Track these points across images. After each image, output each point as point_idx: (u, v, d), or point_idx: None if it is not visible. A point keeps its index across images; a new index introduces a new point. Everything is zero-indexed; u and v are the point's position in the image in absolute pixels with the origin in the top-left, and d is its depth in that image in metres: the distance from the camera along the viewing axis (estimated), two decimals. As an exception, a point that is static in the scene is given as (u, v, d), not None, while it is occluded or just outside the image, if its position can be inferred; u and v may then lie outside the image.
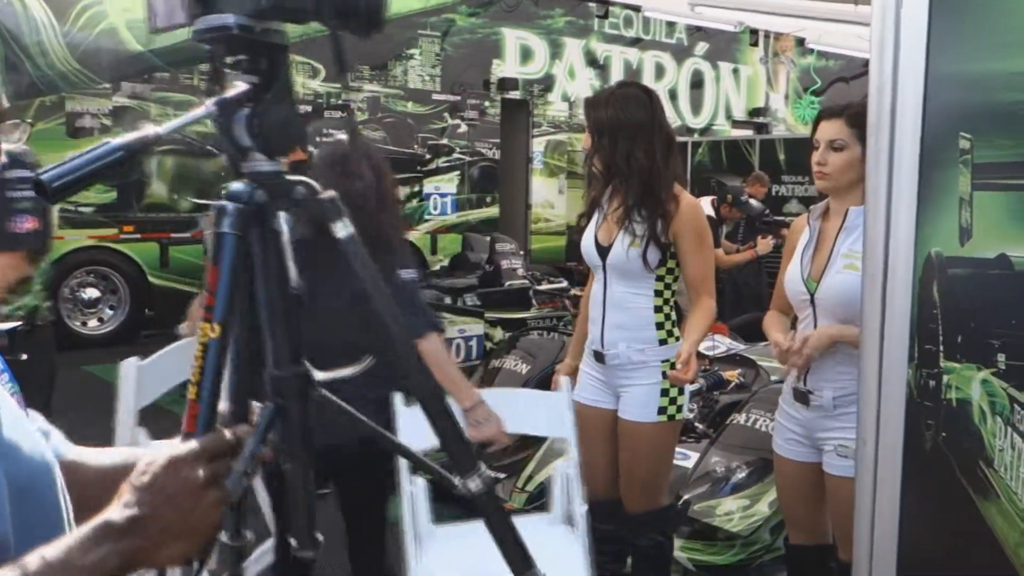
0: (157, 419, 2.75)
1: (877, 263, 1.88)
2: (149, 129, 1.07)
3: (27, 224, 2.83)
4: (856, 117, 2.48)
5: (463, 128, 10.89)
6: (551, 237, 11.83)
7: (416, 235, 10.50)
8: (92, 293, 8.30)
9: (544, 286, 8.69)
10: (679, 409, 2.98)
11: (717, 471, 3.94)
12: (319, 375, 1.18)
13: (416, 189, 10.55)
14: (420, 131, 10.55)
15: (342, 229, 1.20)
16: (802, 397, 2.57)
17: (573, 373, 3.21)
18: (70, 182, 0.99)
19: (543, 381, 5.20)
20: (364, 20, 1.10)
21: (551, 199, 11.89)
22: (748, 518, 3.67)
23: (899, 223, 1.84)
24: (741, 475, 3.87)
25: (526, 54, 11.48)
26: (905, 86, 1.81)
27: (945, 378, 1.80)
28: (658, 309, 2.96)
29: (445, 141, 10.77)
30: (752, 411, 4.07)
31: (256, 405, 1.17)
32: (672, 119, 13.08)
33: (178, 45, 3.53)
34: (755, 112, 13.88)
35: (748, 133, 13.69)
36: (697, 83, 13.27)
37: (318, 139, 10.10)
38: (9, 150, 1.97)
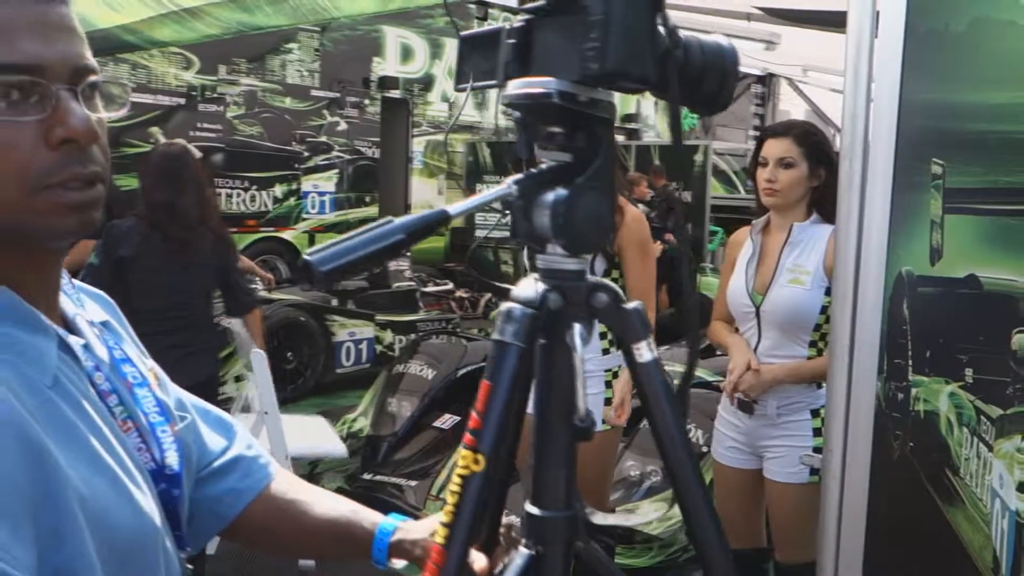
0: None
1: (847, 280, 1.96)
2: (437, 209, 0.92)
3: None
4: (803, 136, 2.58)
5: (342, 126, 10.69)
6: (431, 238, 11.78)
7: (293, 234, 10.25)
8: None
9: (430, 288, 8.66)
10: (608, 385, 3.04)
11: (632, 475, 4.02)
12: (598, 518, 1.02)
13: (294, 187, 10.28)
14: (298, 128, 10.29)
15: (647, 351, 1.01)
16: (746, 407, 2.65)
17: None
18: (342, 266, 0.84)
19: (450, 386, 5.18)
20: (709, 99, 0.94)
21: (431, 199, 11.83)
22: (665, 521, 3.75)
23: (871, 243, 1.92)
24: (656, 479, 3.95)
25: (407, 53, 11.38)
26: (880, 112, 1.89)
27: (913, 391, 1.89)
28: (599, 320, 2.98)
29: (324, 139, 10.54)
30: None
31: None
32: (549, 123, 13.32)
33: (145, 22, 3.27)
34: (627, 118, 14.23)
35: (620, 139, 14.04)
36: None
37: (190, 132, 9.61)
38: None
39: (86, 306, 0.96)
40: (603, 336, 2.98)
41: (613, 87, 0.90)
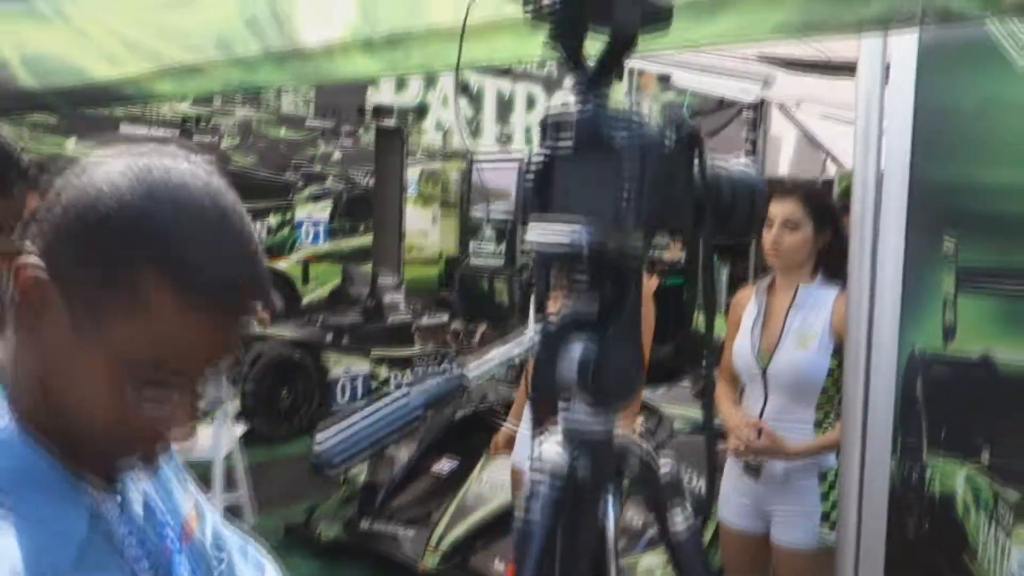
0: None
1: (859, 356, 1.93)
2: (455, 375, 0.86)
3: None
4: (808, 196, 2.56)
5: (337, 155, 10.67)
6: (425, 266, 11.75)
7: (287, 263, 10.21)
8: None
9: (425, 321, 8.60)
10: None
11: (632, 525, 3.97)
12: None
13: (288, 216, 10.25)
14: (293, 157, 10.27)
15: (680, 519, 0.96)
16: (752, 471, 2.62)
17: (511, 443, 3.18)
18: (355, 457, 0.81)
19: (447, 428, 5.13)
20: (740, 229, 0.91)
21: (425, 228, 11.82)
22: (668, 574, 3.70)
23: (883, 319, 1.89)
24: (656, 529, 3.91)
25: (401, 82, 11.39)
26: (890, 187, 1.87)
27: (929, 471, 1.87)
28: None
29: (318, 168, 10.52)
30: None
31: None
32: (543, 150, 13.35)
33: (73, 87, 3.30)
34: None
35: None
36: (566, 115, 13.53)
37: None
38: None
39: None
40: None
41: (650, 235, 0.86)
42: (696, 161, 0.82)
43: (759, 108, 15.52)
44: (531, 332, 0.88)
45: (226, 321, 0.82)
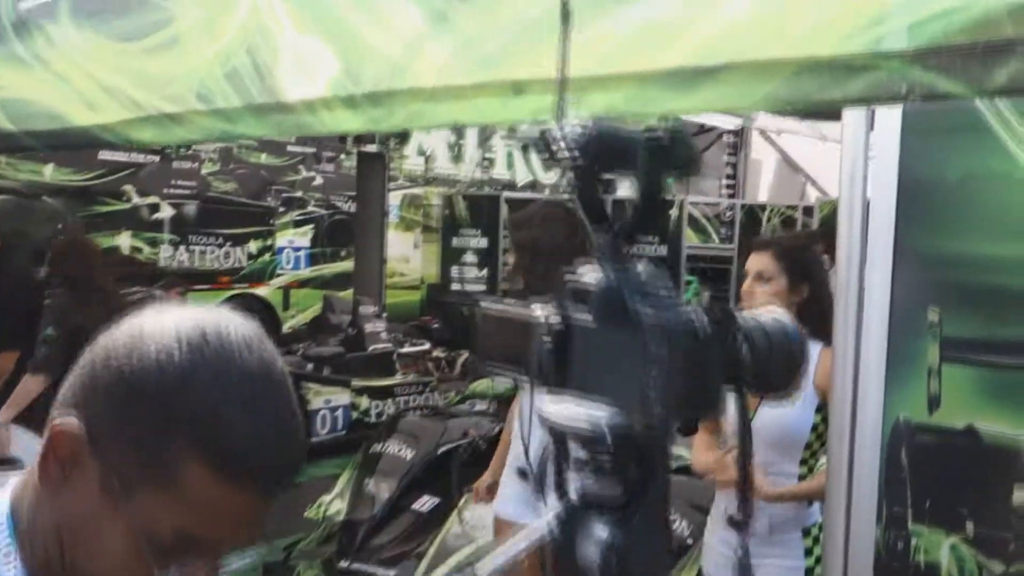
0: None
1: (844, 424, 1.93)
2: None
3: None
4: (784, 251, 2.55)
5: (318, 180, 10.65)
6: (406, 292, 11.72)
7: (267, 290, 10.15)
8: None
9: (407, 348, 8.57)
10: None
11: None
12: None
13: (268, 243, 10.20)
14: (274, 183, 10.24)
15: None
16: (736, 525, 2.60)
17: (494, 487, 3.15)
18: None
19: (428, 465, 5.09)
20: (777, 384, 0.83)
21: (406, 253, 11.79)
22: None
23: (868, 387, 1.89)
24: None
25: (383, 107, 11.39)
26: (874, 256, 1.87)
27: (914, 540, 1.86)
28: (583, 426, 2.94)
29: (299, 194, 10.49)
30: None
31: None
32: (524, 175, 13.30)
33: (51, 131, 3.28)
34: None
35: (596, 189, 14.11)
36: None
37: (164, 189, 9.54)
38: None
39: None
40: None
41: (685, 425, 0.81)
42: (731, 342, 0.75)
43: (740, 133, 15.62)
44: (549, 515, 0.82)
45: (257, 505, 0.81)
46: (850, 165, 1.88)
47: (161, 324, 0.82)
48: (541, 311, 0.79)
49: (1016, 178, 1.70)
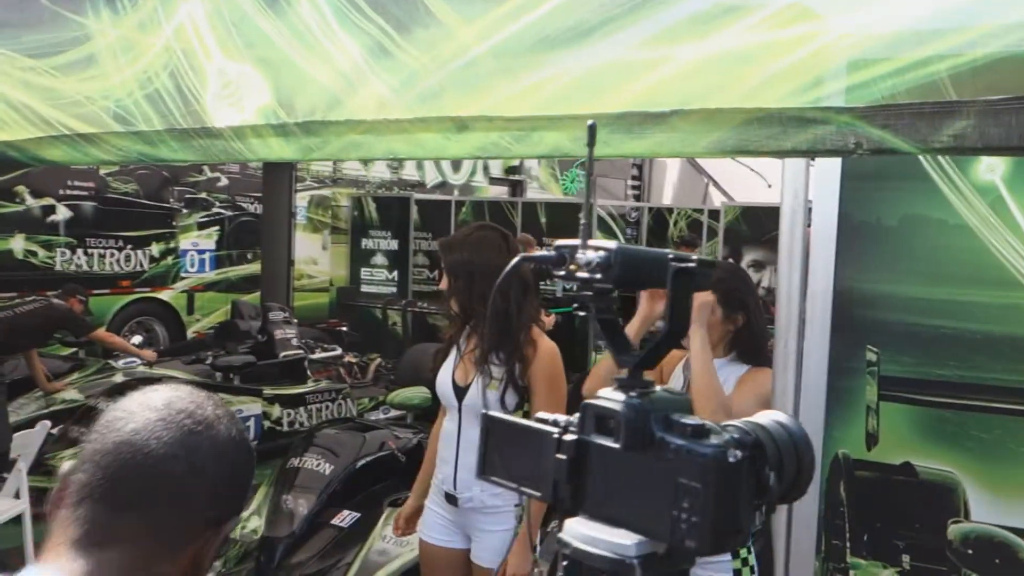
0: None
1: (785, 459, 1.96)
2: None
3: None
4: (717, 282, 2.57)
5: (223, 181, 10.36)
6: (314, 295, 11.51)
7: (171, 294, 9.84)
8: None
9: (318, 354, 8.41)
10: (534, 549, 2.96)
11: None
12: None
13: (171, 245, 9.88)
14: (176, 184, 9.92)
15: None
16: None
17: (417, 515, 3.12)
18: None
19: (347, 479, 5.01)
20: (787, 490, 0.79)
21: (315, 255, 11.58)
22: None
23: (808, 425, 1.93)
24: None
25: (289, 106, 11.15)
26: (814, 297, 1.91)
27: (852, 573, 1.91)
28: (515, 452, 2.93)
29: (204, 195, 10.19)
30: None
31: None
32: (434, 177, 13.23)
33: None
34: (511, 170, 14.32)
35: (504, 190, 14.13)
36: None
37: (60, 190, 9.13)
38: None
39: None
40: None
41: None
42: (760, 469, 0.73)
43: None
44: None
45: None
46: (790, 206, 1.91)
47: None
48: (554, 426, 0.77)
49: (951, 224, 1.76)
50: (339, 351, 8.75)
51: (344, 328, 10.46)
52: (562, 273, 0.73)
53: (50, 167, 8.87)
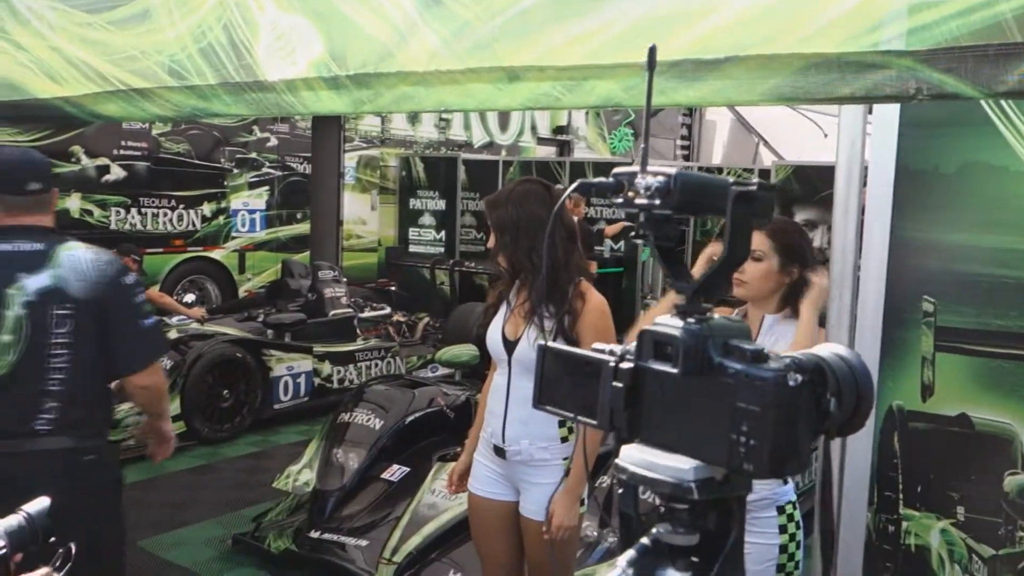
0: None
1: (837, 410, 1.95)
2: None
3: None
4: (776, 232, 2.55)
5: (273, 141, 10.44)
6: (363, 254, 11.60)
7: (222, 253, 9.98)
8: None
9: (367, 313, 8.51)
10: (582, 503, 2.99)
11: (588, 535, 3.99)
12: None
13: (223, 205, 10.00)
14: (227, 144, 10.02)
15: None
16: None
17: (466, 477, 3.16)
18: None
19: (397, 434, 5.08)
20: (843, 424, 0.78)
21: (363, 215, 11.66)
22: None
23: (861, 376, 1.92)
24: (614, 540, 3.93)
25: (337, 66, 11.18)
26: (870, 247, 1.88)
27: (904, 524, 1.90)
28: (563, 406, 2.95)
29: (254, 155, 10.28)
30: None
31: None
32: (481, 136, 13.20)
33: (9, 102, 3.17)
34: (558, 130, 14.23)
35: (551, 150, 14.05)
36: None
37: (114, 150, 9.28)
38: None
39: None
40: (561, 424, 2.93)
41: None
42: (820, 395, 0.72)
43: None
44: (621, 561, 0.81)
45: None
46: (847, 156, 1.88)
47: None
48: (611, 355, 0.77)
49: (1013, 171, 1.72)
50: (388, 310, 8.85)
51: (393, 287, 10.56)
52: (620, 200, 0.73)
53: (104, 126, 8.99)
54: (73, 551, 1.32)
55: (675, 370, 0.73)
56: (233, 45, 2.44)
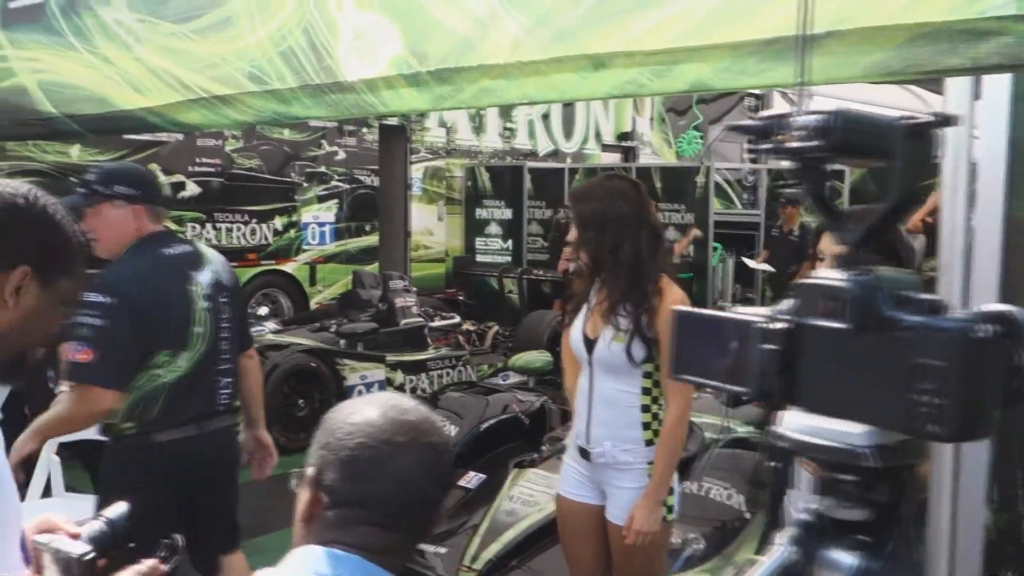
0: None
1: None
2: None
3: (80, 355, 2.66)
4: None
5: (341, 155, 10.56)
6: (431, 265, 11.66)
7: (294, 266, 10.11)
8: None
9: (437, 322, 8.53)
10: (670, 510, 2.91)
11: (672, 543, 3.90)
12: None
13: (293, 219, 10.14)
14: (297, 159, 10.16)
15: None
16: None
17: None
18: None
19: (472, 441, 5.06)
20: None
21: (430, 226, 11.72)
22: (712, 592, 3.65)
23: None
24: (698, 547, 3.84)
25: (403, 79, 11.27)
26: (983, 229, 1.79)
27: (1026, 522, 1.80)
28: (645, 408, 2.87)
29: (323, 168, 10.41)
30: (704, 478, 4.05)
31: None
32: (545, 145, 13.19)
33: (96, 115, 3.23)
34: (623, 136, 14.15)
35: (616, 157, 13.97)
36: (568, 106, 13.39)
37: (189, 167, 9.48)
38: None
39: None
40: (646, 427, 2.86)
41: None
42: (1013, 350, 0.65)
43: (761, 96, 15.38)
44: (783, 538, 0.75)
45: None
46: (954, 136, 1.79)
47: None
48: (758, 314, 0.71)
49: None
50: (457, 319, 8.86)
51: (461, 297, 10.58)
52: (767, 146, 0.67)
53: (179, 144, 9.18)
54: (180, 543, 1.32)
55: (845, 325, 0.66)
56: (313, 47, 2.44)
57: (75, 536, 1.31)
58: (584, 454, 2.95)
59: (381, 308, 7.88)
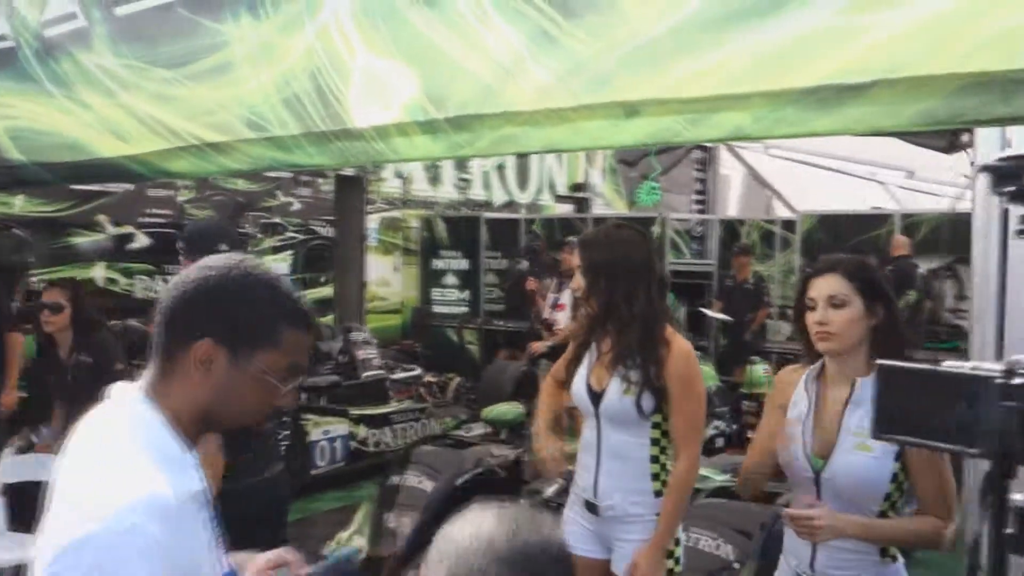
0: None
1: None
2: None
3: None
4: (853, 271, 2.36)
5: (296, 206, 10.45)
6: (387, 316, 11.53)
7: (247, 319, 9.91)
8: None
9: (399, 374, 8.40)
10: (677, 562, 2.85)
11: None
12: None
13: (247, 270, 9.96)
14: (251, 209, 10.03)
15: None
16: None
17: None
18: None
19: (450, 498, 4.94)
20: None
21: (386, 276, 11.61)
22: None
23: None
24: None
25: (358, 130, 11.23)
26: (1015, 272, 1.80)
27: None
28: (654, 459, 2.83)
29: (277, 219, 10.28)
30: (692, 529, 4.00)
31: None
32: (501, 195, 13.22)
33: (70, 163, 3.13)
34: (576, 187, 14.26)
35: (570, 207, 14.06)
36: (523, 156, 13.46)
37: (139, 218, 9.25)
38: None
39: None
40: (655, 478, 2.81)
41: None
42: None
43: (707, 149, 15.66)
44: None
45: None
46: (984, 185, 1.80)
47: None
48: (987, 367, 0.67)
49: None
50: (419, 370, 8.74)
51: (418, 348, 10.46)
52: (1011, 189, 0.64)
53: (128, 194, 8.98)
54: None
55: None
56: (320, 93, 2.39)
57: None
58: (591, 508, 2.88)
59: (341, 360, 7.74)
